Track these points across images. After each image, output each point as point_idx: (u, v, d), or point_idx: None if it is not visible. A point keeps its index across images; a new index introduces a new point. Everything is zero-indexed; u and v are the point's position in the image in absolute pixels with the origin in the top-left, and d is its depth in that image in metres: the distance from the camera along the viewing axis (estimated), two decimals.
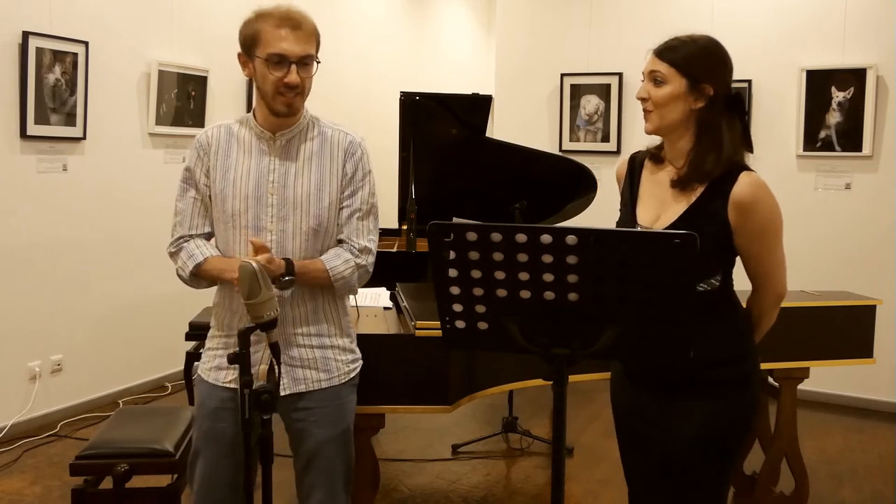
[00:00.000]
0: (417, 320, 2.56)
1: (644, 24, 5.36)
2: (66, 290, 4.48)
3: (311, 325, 2.10)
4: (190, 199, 2.11)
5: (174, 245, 2.12)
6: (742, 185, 1.81)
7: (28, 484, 3.63)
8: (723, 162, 1.83)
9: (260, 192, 2.05)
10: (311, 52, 2.02)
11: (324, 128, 2.13)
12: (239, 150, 2.08)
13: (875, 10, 4.78)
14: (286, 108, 2.02)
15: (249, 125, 2.11)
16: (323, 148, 2.09)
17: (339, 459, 2.16)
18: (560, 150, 5.60)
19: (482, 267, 1.48)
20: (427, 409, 2.57)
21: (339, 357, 2.15)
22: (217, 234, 2.13)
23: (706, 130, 1.86)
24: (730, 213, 1.82)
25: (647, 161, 2.00)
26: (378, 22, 7.35)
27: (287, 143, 2.08)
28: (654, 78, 1.87)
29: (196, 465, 2.13)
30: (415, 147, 3.75)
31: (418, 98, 3.73)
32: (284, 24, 1.98)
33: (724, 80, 1.89)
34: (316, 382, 2.11)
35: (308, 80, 2.03)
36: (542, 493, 3.63)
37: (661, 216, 1.89)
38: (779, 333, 3.21)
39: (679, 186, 1.87)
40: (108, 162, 4.67)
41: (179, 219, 2.12)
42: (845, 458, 4.16)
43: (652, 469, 1.94)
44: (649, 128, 1.91)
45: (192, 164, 2.11)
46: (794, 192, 5.05)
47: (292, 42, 1.98)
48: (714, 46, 1.90)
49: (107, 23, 4.59)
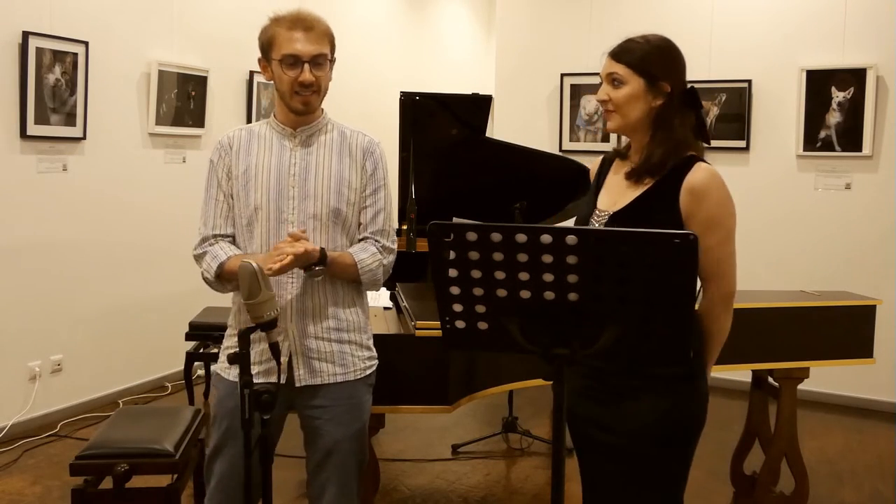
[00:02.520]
0: (417, 320, 2.56)
1: (644, 24, 5.31)
2: (67, 290, 4.48)
3: (329, 319, 2.13)
4: (213, 201, 2.17)
5: (199, 247, 2.17)
6: (696, 172, 1.85)
7: (28, 484, 3.63)
8: (673, 154, 1.87)
9: (281, 184, 2.11)
10: (323, 52, 2.08)
11: (343, 128, 2.21)
12: (260, 146, 2.15)
13: (875, 10, 4.78)
14: (303, 106, 2.09)
15: (270, 124, 2.18)
16: (343, 144, 2.17)
17: (354, 458, 2.19)
18: (560, 150, 5.61)
19: (482, 267, 1.48)
20: (427, 409, 2.57)
21: (356, 353, 2.18)
22: (238, 228, 2.16)
23: (660, 126, 1.90)
24: (681, 200, 1.84)
25: (616, 159, 2.06)
26: (378, 22, 7.35)
27: (307, 137, 2.15)
28: (612, 80, 1.91)
29: (215, 463, 2.15)
30: (415, 147, 3.75)
31: (418, 98, 3.72)
32: (297, 27, 2.07)
33: (680, 77, 1.93)
34: (332, 376, 2.13)
35: (323, 78, 2.10)
36: (542, 493, 3.63)
37: (617, 202, 1.93)
38: (779, 333, 3.25)
39: (633, 178, 1.91)
40: (108, 162, 4.67)
41: (204, 220, 2.18)
42: (845, 458, 4.16)
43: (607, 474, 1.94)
44: (612, 126, 1.95)
45: (215, 165, 2.17)
46: (794, 192, 5.05)
47: (304, 42, 2.06)
48: (667, 45, 1.94)
49: (107, 23, 4.59)
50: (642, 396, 1.86)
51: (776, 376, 3.29)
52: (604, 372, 1.89)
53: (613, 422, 1.89)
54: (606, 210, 1.95)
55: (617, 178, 2.00)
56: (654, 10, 5.36)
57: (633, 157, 1.97)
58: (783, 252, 5.04)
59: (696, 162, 1.87)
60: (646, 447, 1.86)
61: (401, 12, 7.79)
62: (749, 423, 3.58)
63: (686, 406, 1.88)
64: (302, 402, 2.15)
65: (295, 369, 2.11)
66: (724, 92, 5.16)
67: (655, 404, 1.85)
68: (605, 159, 2.10)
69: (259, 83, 5.60)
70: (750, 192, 5.07)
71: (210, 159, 2.18)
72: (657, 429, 1.86)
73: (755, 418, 3.55)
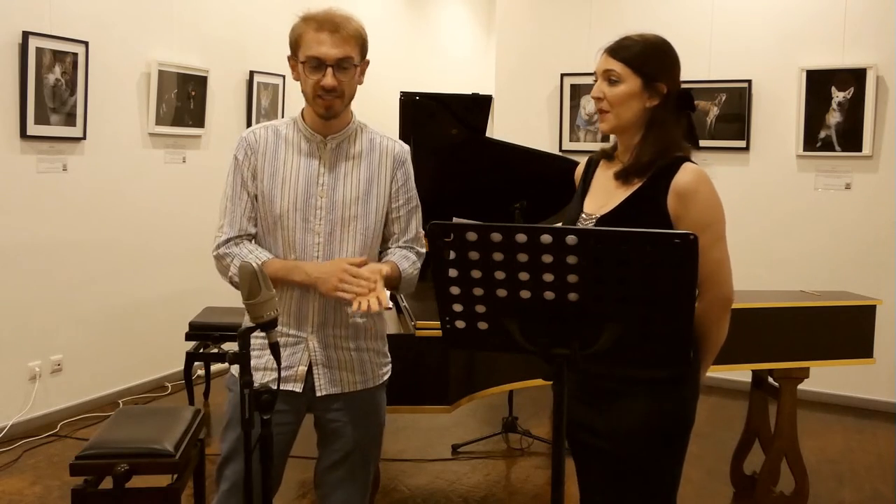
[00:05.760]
0: (417, 320, 2.56)
1: (644, 24, 5.31)
2: (66, 291, 4.48)
3: (349, 328, 2.12)
4: (238, 200, 2.09)
5: (224, 247, 2.09)
6: (683, 173, 1.83)
7: (28, 484, 3.63)
8: (663, 155, 1.85)
9: (309, 193, 2.06)
10: (349, 55, 2.01)
11: (372, 134, 2.15)
12: (287, 151, 2.09)
13: (875, 10, 4.78)
14: (325, 111, 2.03)
15: (297, 127, 2.11)
16: (372, 153, 2.12)
17: (370, 459, 2.20)
18: (560, 150, 5.60)
19: (482, 267, 1.48)
20: (427, 409, 2.57)
21: (375, 360, 2.18)
22: (262, 229, 2.11)
23: (653, 127, 1.88)
24: (669, 202, 1.82)
25: (602, 160, 2.04)
26: (378, 22, 7.34)
27: (337, 146, 2.10)
28: (608, 77, 1.89)
29: (228, 465, 2.13)
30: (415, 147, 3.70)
31: (418, 98, 3.72)
32: (324, 28, 1.99)
33: (676, 79, 1.91)
34: (352, 384, 2.13)
35: (347, 83, 2.03)
36: (542, 493, 3.63)
37: (604, 205, 1.91)
38: (779, 333, 3.25)
39: (622, 178, 1.89)
40: (108, 162, 4.67)
41: (228, 219, 2.10)
42: (845, 458, 4.16)
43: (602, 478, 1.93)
44: (605, 127, 1.93)
45: (240, 163, 2.09)
46: (794, 192, 5.05)
47: (329, 45, 1.98)
48: (665, 45, 1.92)
49: (107, 23, 4.59)
50: (628, 399, 1.85)
51: (776, 376, 3.29)
52: (589, 374, 1.87)
53: (600, 424, 1.89)
54: (593, 213, 1.93)
55: (604, 179, 1.98)
56: (654, 9, 5.36)
57: (622, 158, 1.95)
58: (783, 252, 5.04)
59: (682, 163, 1.85)
60: (633, 449, 1.86)
61: (401, 12, 7.80)
62: (749, 423, 3.58)
63: (672, 408, 1.87)
64: (321, 407, 2.14)
65: (316, 379, 2.09)
66: (724, 92, 5.15)
67: (641, 407, 1.84)
68: (591, 160, 2.07)
69: (259, 83, 5.61)
70: (750, 193, 5.09)
71: (234, 156, 2.10)
72: (644, 431, 1.85)
73: (755, 418, 3.55)
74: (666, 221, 1.82)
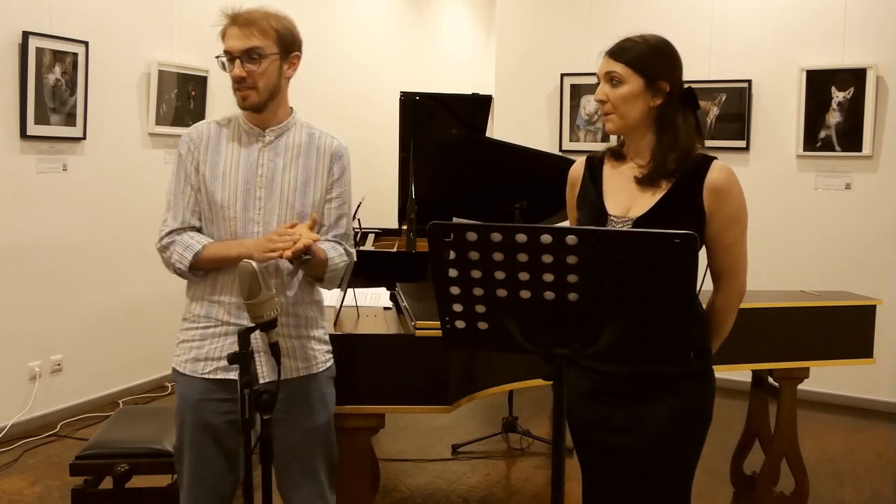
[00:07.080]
0: (417, 320, 2.56)
1: (644, 25, 5.31)
2: (66, 290, 4.48)
3: (290, 317, 2.14)
4: (181, 194, 2.14)
5: (166, 238, 2.14)
6: (716, 171, 1.87)
7: (28, 484, 3.63)
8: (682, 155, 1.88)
9: (248, 184, 2.10)
10: (255, 46, 2.04)
11: (312, 129, 2.19)
12: (228, 144, 2.14)
13: (875, 10, 4.78)
14: (241, 101, 2.09)
15: (239, 121, 2.16)
16: (311, 147, 2.16)
17: (322, 452, 2.18)
18: (560, 150, 5.60)
19: (482, 267, 1.48)
20: (427, 409, 2.57)
21: (316, 347, 2.20)
22: (204, 222, 2.15)
23: (665, 127, 1.90)
24: (705, 199, 1.86)
25: (606, 159, 2.03)
26: (378, 22, 7.35)
27: (276, 138, 2.14)
28: (610, 79, 1.91)
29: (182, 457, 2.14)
30: (415, 147, 3.75)
31: (418, 98, 3.72)
32: (235, 23, 2.06)
33: (678, 77, 1.93)
34: (294, 371, 2.14)
35: (258, 73, 2.05)
36: (542, 493, 3.63)
37: (631, 207, 1.92)
38: (779, 333, 3.25)
39: (646, 182, 1.90)
40: (108, 162, 4.67)
41: (172, 213, 2.15)
42: (845, 458, 4.16)
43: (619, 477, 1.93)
44: (611, 128, 1.95)
45: (183, 158, 2.14)
46: (794, 192, 5.05)
47: (235, 38, 2.05)
48: (665, 45, 1.94)
49: (107, 23, 4.59)
50: (656, 397, 1.86)
51: (776, 376, 3.29)
52: (614, 376, 1.89)
53: (626, 423, 1.89)
54: (624, 216, 1.92)
55: (619, 179, 1.97)
56: (654, 10, 5.36)
57: (635, 160, 1.95)
58: (783, 252, 5.04)
59: (711, 161, 1.89)
60: (663, 445, 1.87)
61: (401, 12, 7.79)
62: (749, 423, 3.58)
63: (698, 402, 1.89)
64: None
65: (258, 367, 2.08)
66: (724, 92, 5.16)
67: (670, 403, 1.86)
68: (592, 159, 2.07)
69: None
70: (750, 193, 4.99)
71: (178, 152, 2.15)
72: (673, 427, 1.86)
73: (755, 418, 3.55)
74: (702, 218, 1.86)
